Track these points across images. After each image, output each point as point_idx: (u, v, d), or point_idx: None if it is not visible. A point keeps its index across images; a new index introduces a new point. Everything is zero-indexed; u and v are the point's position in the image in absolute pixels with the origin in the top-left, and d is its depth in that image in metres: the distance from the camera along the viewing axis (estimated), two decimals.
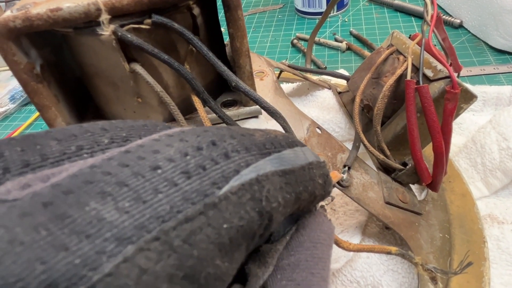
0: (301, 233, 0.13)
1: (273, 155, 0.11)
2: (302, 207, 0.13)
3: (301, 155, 0.12)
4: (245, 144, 0.10)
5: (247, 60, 0.24)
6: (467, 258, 0.23)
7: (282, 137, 0.12)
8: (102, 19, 0.21)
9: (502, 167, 0.36)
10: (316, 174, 0.12)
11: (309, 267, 0.12)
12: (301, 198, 0.12)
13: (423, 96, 0.28)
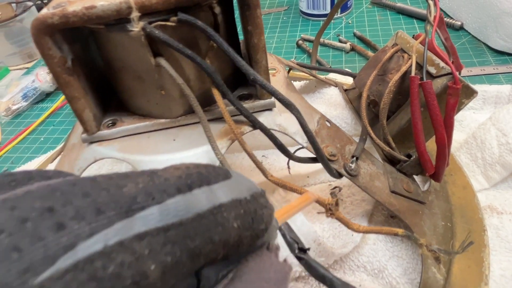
0: (235, 286, 0.11)
1: (148, 209, 0.09)
2: (220, 256, 0.11)
3: (203, 198, 0.10)
4: (98, 204, 0.09)
5: (263, 56, 0.26)
6: (468, 238, 0.24)
7: (176, 179, 0.10)
8: (133, 17, 0.22)
9: (501, 161, 0.38)
10: (228, 218, 0.11)
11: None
12: (203, 253, 0.10)
13: (427, 92, 0.30)
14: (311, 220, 0.34)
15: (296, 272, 0.31)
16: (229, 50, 0.24)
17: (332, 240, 0.32)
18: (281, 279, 0.12)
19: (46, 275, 0.07)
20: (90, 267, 0.08)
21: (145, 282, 0.09)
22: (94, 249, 0.08)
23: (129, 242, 0.08)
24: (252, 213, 0.11)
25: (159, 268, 0.09)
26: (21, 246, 0.07)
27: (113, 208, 0.09)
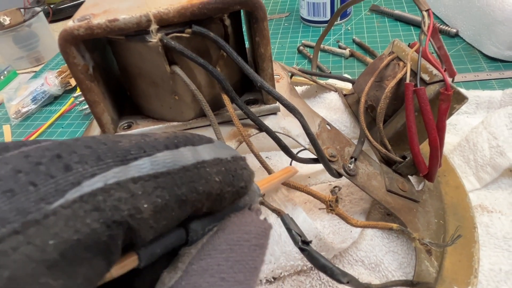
0: (218, 235, 0.13)
1: (140, 159, 0.11)
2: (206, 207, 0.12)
3: (188, 154, 0.12)
4: (98, 153, 0.10)
5: (269, 64, 0.28)
6: (457, 232, 0.27)
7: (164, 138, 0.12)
8: (152, 29, 0.25)
9: (492, 163, 0.40)
10: (210, 173, 0.12)
11: (220, 271, 0.12)
12: (189, 200, 0.11)
13: (420, 97, 0.32)
14: (313, 217, 0.36)
15: (298, 266, 0.33)
16: (238, 59, 0.26)
17: (332, 236, 0.34)
18: (260, 233, 0.13)
19: (57, 204, 0.09)
20: (93, 200, 0.09)
21: (139, 216, 0.10)
22: (96, 186, 0.10)
23: (124, 183, 0.10)
24: (233, 171, 0.13)
25: (151, 207, 0.10)
26: (36, 182, 0.09)
27: (111, 157, 0.10)
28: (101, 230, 0.09)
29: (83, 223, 0.09)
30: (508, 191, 0.39)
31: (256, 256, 0.13)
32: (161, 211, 0.11)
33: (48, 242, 0.08)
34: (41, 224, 0.09)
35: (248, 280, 0.12)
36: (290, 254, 0.32)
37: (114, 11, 0.25)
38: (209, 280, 0.11)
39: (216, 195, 0.12)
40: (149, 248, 0.12)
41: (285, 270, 0.33)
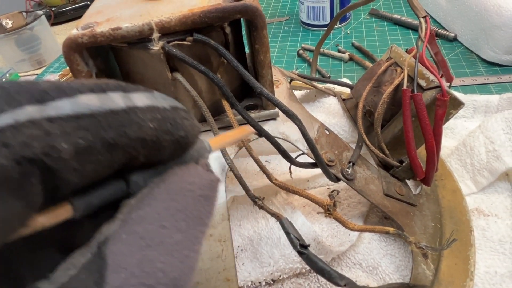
0: (159, 186, 0.12)
1: (60, 100, 0.10)
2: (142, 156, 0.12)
3: (117, 99, 0.11)
4: (9, 92, 0.10)
5: (269, 71, 0.29)
6: (452, 235, 0.27)
7: (90, 83, 0.11)
8: (154, 37, 0.25)
9: (488, 167, 0.40)
10: (143, 118, 0.12)
11: (160, 219, 0.12)
12: (120, 145, 0.11)
13: (417, 103, 0.32)
14: (311, 221, 0.37)
15: (297, 269, 0.33)
16: (239, 66, 0.27)
17: (330, 239, 0.35)
18: (206, 185, 0.13)
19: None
20: (0, 136, 0.09)
21: (56, 156, 0.10)
22: (5, 122, 0.09)
23: (39, 121, 0.10)
24: (171, 119, 0.13)
25: (71, 148, 0.10)
26: None
27: (25, 96, 0.10)
28: (11, 166, 0.09)
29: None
30: (504, 195, 0.39)
31: (201, 207, 0.13)
32: (85, 153, 0.10)
33: None
34: None
35: (192, 230, 0.12)
36: (289, 257, 0.33)
37: (117, 19, 0.26)
38: (147, 227, 0.11)
39: (152, 143, 0.12)
40: (84, 198, 0.11)
41: (284, 272, 0.34)
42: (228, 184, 0.37)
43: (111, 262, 0.11)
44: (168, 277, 0.11)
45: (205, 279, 0.26)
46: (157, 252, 0.11)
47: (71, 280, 0.10)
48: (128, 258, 0.11)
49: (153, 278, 0.11)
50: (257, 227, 0.37)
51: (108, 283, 0.10)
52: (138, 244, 0.11)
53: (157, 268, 0.11)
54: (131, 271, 0.11)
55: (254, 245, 0.36)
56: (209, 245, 0.27)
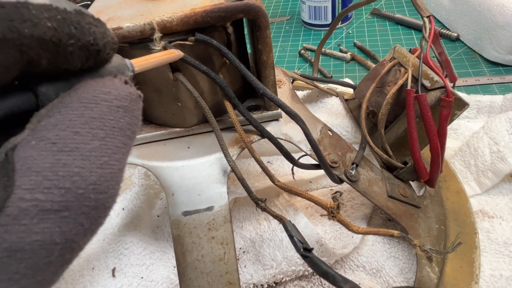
0: (70, 95, 0.12)
1: None
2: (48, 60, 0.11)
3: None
4: None
5: (272, 71, 0.28)
6: (458, 239, 0.27)
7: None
8: (155, 37, 0.25)
9: (493, 168, 0.40)
10: (38, 16, 0.11)
11: (72, 126, 0.11)
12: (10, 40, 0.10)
13: (422, 104, 0.32)
14: (314, 223, 0.36)
15: (300, 271, 0.33)
16: (241, 67, 0.27)
17: (334, 242, 0.35)
18: (124, 96, 0.13)
19: None
20: None
21: None
22: None
23: None
24: (75, 22, 0.12)
25: None
26: None
27: None
28: None
29: None
30: (509, 197, 0.39)
31: (119, 118, 0.12)
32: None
33: None
34: None
35: (111, 138, 0.12)
36: (291, 259, 0.33)
37: (118, 19, 0.25)
38: (59, 134, 0.11)
39: (54, 45, 0.11)
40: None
41: (286, 275, 0.33)
42: (230, 185, 0.37)
43: (20, 166, 0.10)
44: (87, 181, 0.11)
45: (207, 282, 0.26)
46: (71, 157, 0.11)
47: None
48: (39, 162, 0.10)
49: (69, 182, 0.11)
50: (259, 229, 0.36)
51: (19, 186, 0.10)
52: (50, 149, 0.11)
53: (73, 172, 0.11)
54: (44, 174, 0.10)
55: (256, 247, 0.35)
56: (211, 247, 0.27)
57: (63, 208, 0.11)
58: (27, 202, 0.10)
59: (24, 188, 0.10)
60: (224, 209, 0.28)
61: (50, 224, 0.10)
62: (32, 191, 0.10)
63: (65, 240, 0.11)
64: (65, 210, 0.11)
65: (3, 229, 0.10)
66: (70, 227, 0.11)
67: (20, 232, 0.10)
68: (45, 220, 0.10)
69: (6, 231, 0.10)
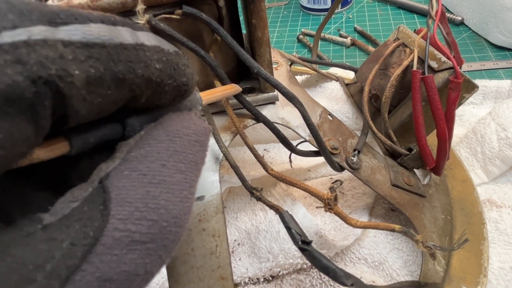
0: (157, 128, 0.12)
1: (71, 25, 0.10)
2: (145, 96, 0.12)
3: (126, 34, 0.11)
4: (20, 9, 0.09)
5: (267, 49, 0.26)
6: (464, 235, 0.25)
7: (99, 14, 0.11)
8: (138, 9, 0.22)
9: (501, 155, 0.38)
10: (150, 58, 0.11)
11: (160, 159, 0.12)
12: (128, 81, 0.11)
13: (429, 86, 0.30)
14: (313, 213, 0.34)
15: (298, 265, 0.31)
16: (233, 43, 0.24)
17: (334, 233, 0.33)
18: (200, 131, 0.13)
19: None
20: (14, 51, 0.08)
21: (69, 80, 0.09)
22: (19, 38, 0.09)
23: (53, 42, 0.09)
24: (174, 64, 0.12)
25: (83, 75, 0.10)
26: None
27: (37, 15, 0.09)
28: (25, 85, 0.09)
29: (2, 72, 0.08)
30: None
31: (196, 152, 0.13)
32: (95, 83, 0.10)
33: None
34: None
35: (189, 172, 0.12)
36: (289, 252, 0.31)
37: None
38: (149, 166, 0.11)
39: (156, 84, 0.12)
40: (81, 135, 0.11)
41: (284, 268, 0.31)
42: (223, 174, 0.35)
43: (115, 196, 0.11)
44: (170, 214, 0.11)
45: (197, 277, 0.24)
46: (159, 190, 0.11)
47: (74, 211, 0.10)
48: (132, 193, 0.11)
49: (156, 214, 0.11)
50: (255, 220, 0.34)
51: (113, 215, 0.10)
52: (141, 180, 0.11)
53: (160, 205, 0.11)
54: (136, 205, 0.11)
55: (252, 239, 0.33)
56: (202, 240, 0.25)
57: (149, 240, 0.11)
58: (120, 232, 0.10)
59: (118, 218, 0.10)
60: (215, 199, 0.26)
61: (136, 255, 0.11)
62: (125, 222, 0.10)
63: (145, 271, 0.11)
64: (150, 242, 0.11)
65: (98, 258, 0.10)
66: (152, 259, 0.11)
67: (112, 262, 0.10)
68: (133, 251, 0.10)
69: (100, 260, 0.10)
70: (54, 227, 0.10)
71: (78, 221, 0.10)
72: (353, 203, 0.35)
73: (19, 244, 0.09)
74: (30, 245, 0.09)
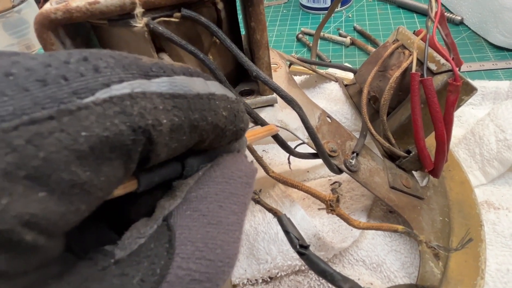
0: (214, 169, 0.13)
1: (160, 78, 0.11)
2: (208, 140, 0.13)
3: (200, 84, 0.12)
4: (123, 63, 0.10)
5: (266, 52, 0.26)
6: (468, 235, 0.25)
7: (179, 66, 0.12)
8: (136, 12, 0.22)
9: (499, 157, 0.38)
10: (219, 106, 0.12)
11: (218, 200, 0.12)
12: (200, 127, 0.12)
13: (427, 88, 0.30)
14: (311, 215, 0.35)
15: (296, 266, 0.31)
16: (232, 46, 0.24)
17: (332, 235, 0.33)
18: (250, 173, 0.14)
19: (89, 100, 0.09)
20: (121, 103, 0.10)
21: (159, 129, 0.10)
22: (124, 91, 0.10)
23: (149, 94, 0.10)
24: (235, 111, 0.13)
25: (169, 124, 0.11)
26: (67, 77, 0.09)
27: (135, 69, 0.10)
28: (127, 133, 0.10)
29: (112, 122, 0.09)
30: None
31: (246, 193, 0.13)
32: (176, 130, 0.11)
33: (81, 133, 0.09)
34: (74, 115, 0.09)
35: (241, 214, 0.13)
36: (287, 254, 0.31)
37: None
38: (208, 207, 0.12)
39: (220, 130, 0.13)
40: (148, 174, 0.12)
41: (282, 270, 0.31)
42: None
43: (178, 234, 0.11)
44: (225, 254, 0.12)
45: None
46: (217, 230, 0.12)
47: (142, 248, 0.11)
48: (194, 233, 0.11)
49: (213, 254, 0.11)
50: (253, 221, 0.34)
51: (178, 253, 0.11)
52: (202, 220, 0.12)
53: (217, 245, 0.12)
54: (197, 245, 0.11)
55: (250, 241, 0.33)
56: None
57: (206, 279, 0.11)
58: (183, 270, 0.11)
59: (181, 257, 0.11)
60: None
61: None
62: (188, 261, 0.11)
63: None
64: (207, 281, 0.11)
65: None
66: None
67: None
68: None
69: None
70: (125, 263, 0.11)
71: (147, 258, 0.11)
72: (351, 205, 0.35)
73: (96, 278, 0.10)
74: (105, 280, 0.10)
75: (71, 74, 0.09)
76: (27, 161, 0.08)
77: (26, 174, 0.08)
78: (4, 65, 0.09)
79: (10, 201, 0.08)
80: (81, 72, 0.09)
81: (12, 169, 0.08)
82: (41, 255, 0.09)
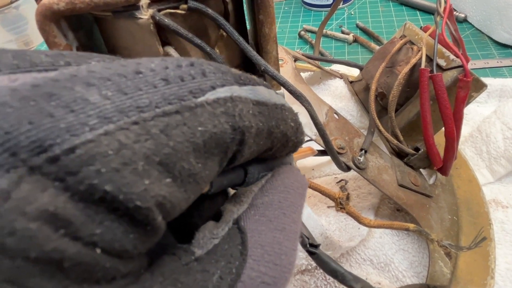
0: (276, 178, 0.14)
1: (248, 86, 0.12)
2: (275, 148, 0.13)
3: (275, 96, 0.13)
4: (221, 70, 0.11)
5: (274, 46, 0.25)
6: (481, 234, 0.24)
7: (258, 78, 0.13)
8: (142, 3, 0.22)
9: (506, 155, 0.37)
10: (288, 117, 0.13)
11: (281, 208, 0.13)
12: (273, 134, 0.12)
13: (437, 84, 0.29)
14: (317, 213, 0.34)
15: (303, 266, 0.31)
16: (240, 40, 0.23)
17: (339, 233, 0.32)
18: (304, 184, 0.15)
19: (202, 99, 0.10)
20: (225, 104, 0.10)
21: (250, 131, 0.11)
22: (226, 94, 0.11)
23: (244, 99, 0.11)
24: (298, 124, 0.14)
25: (255, 128, 0.11)
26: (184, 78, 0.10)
27: (231, 76, 0.11)
28: (229, 132, 0.10)
29: (219, 121, 0.10)
30: None
31: (301, 204, 0.14)
32: (258, 135, 0.12)
33: (198, 128, 0.10)
34: (193, 111, 0.10)
35: (298, 222, 0.13)
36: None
37: None
38: (274, 213, 0.13)
39: (286, 140, 0.13)
40: (219, 178, 0.12)
41: None
42: None
43: (249, 237, 0.12)
44: (288, 260, 0.12)
45: None
46: (282, 236, 0.12)
47: (217, 248, 0.12)
48: (263, 237, 0.12)
49: (279, 259, 0.12)
50: None
51: (250, 255, 0.11)
52: (269, 226, 0.12)
53: (282, 251, 0.12)
54: (266, 249, 0.12)
55: None
56: None
57: (272, 283, 0.11)
58: (255, 272, 0.11)
59: (253, 259, 0.11)
60: None
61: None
62: (258, 263, 0.11)
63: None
64: (273, 285, 0.11)
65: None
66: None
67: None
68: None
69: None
70: (205, 260, 0.11)
71: (223, 257, 0.11)
72: (358, 203, 0.34)
73: (182, 272, 0.11)
74: (190, 274, 0.11)
75: (186, 76, 0.10)
76: (161, 148, 0.09)
77: (160, 160, 0.09)
78: (130, 65, 0.10)
79: (150, 182, 0.09)
80: (192, 75, 0.10)
81: (150, 154, 0.09)
82: (156, 238, 0.10)
